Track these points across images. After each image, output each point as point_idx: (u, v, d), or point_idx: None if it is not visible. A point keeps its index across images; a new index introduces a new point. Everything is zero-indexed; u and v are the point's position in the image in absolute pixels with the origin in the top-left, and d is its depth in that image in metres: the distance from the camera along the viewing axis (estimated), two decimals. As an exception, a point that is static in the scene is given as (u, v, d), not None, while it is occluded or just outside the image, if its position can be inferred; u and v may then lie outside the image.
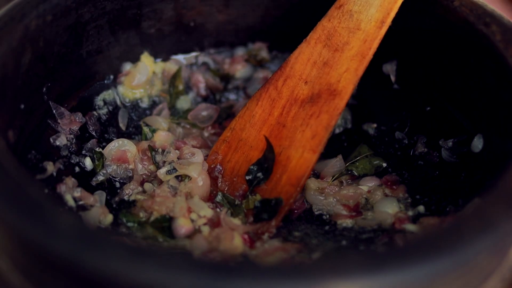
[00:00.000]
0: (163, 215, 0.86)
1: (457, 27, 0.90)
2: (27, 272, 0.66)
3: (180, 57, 1.10)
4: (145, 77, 1.03)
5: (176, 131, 1.02)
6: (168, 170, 0.91)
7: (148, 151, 0.95)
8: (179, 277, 0.54)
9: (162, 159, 0.94)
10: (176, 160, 0.93)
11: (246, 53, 1.11)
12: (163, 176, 0.91)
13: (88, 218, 0.85)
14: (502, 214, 0.62)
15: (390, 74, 1.03)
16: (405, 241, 0.80)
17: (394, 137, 1.02)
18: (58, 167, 0.90)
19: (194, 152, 0.94)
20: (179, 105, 1.07)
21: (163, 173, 0.91)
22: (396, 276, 0.56)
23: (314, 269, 0.56)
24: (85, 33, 0.96)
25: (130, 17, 1.01)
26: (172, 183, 0.90)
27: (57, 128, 0.92)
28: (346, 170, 0.97)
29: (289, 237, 0.87)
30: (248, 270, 0.55)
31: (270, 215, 0.89)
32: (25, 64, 0.84)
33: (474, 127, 0.90)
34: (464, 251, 0.59)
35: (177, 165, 0.91)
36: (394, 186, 0.95)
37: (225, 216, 0.87)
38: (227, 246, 0.80)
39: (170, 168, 0.92)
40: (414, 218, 0.88)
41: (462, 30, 0.90)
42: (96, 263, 0.56)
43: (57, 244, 0.57)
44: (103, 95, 1.02)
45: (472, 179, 0.87)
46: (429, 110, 0.99)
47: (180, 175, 0.91)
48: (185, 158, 0.93)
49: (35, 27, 0.85)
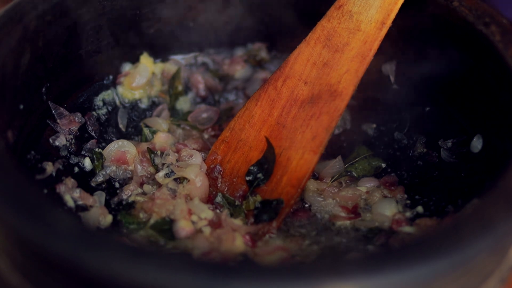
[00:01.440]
0: (163, 218, 0.86)
1: (456, 27, 0.90)
2: (27, 272, 0.66)
3: (179, 57, 1.10)
4: (145, 79, 1.03)
5: (176, 132, 1.02)
6: (166, 173, 0.92)
7: (147, 153, 0.95)
8: (180, 278, 0.54)
9: (161, 162, 0.94)
10: (175, 162, 0.93)
11: (246, 54, 1.11)
12: (161, 179, 0.91)
13: (88, 219, 0.85)
14: (502, 214, 0.62)
15: (390, 74, 1.03)
16: (405, 242, 0.80)
17: (393, 138, 1.02)
18: (57, 167, 0.90)
19: (192, 154, 0.94)
20: (179, 106, 1.07)
21: (161, 177, 0.91)
22: (396, 277, 0.56)
23: (313, 269, 0.56)
24: (84, 33, 0.96)
25: (129, 17, 1.01)
26: (171, 185, 0.90)
27: (56, 128, 0.92)
28: (345, 171, 0.97)
29: (289, 237, 0.87)
30: (249, 270, 0.55)
31: (270, 216, 0.89)
32: (24, 64, 0.84)
33: (473, 127, 0.90)
34: (464, 251, 0.59)
35: (174, 167, 0.91)
36: (392, 187, 0.95)
37: (226, 217, 0.86)
38: (229, 247, 0.80)
39: (168, 171, 0.92)
40: (413, 219, 0.88)
41: (461, 30, 0.90)
42: (96, 263, 0.56)
43: (56, 244, 0.57)
44: (102, 96, 1.02)
45: (472, 180, 0.87)
46: (428, 111, 0.99)
47: (179, 177, 0.91)
48: (183, 160, 0.93)
49: (35, 27, 0.85)
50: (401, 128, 1.02)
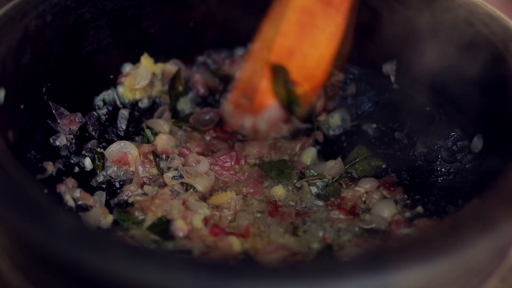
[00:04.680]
0: (160, 218, 0.86)
1: (456, 27, 0.90)
2: (27, 272, 0.66)
3: (179, 57, 1.09)
4: (147, 80, 1.03)
5: (177, 134, 1.02)
6: (174, 176, 0.92)
7: (149, 154, 0.95)
8: (180, 277, 0.54)
9: (167, 165, 0.94)
10: (181, 166, 0.94)
11: (246, 53, 1.11)
12: (169, 180, 0.92)
13: (88, 219, 0.85)
14: (502, 214, 0.62)
15: (390, 74, 1.03)
16: (404, 242, 0.80)
17: (393, 138, 1.02)
18: (57, 167, 0.90)
19: (199, 160, 0.94)
20: (180, 106, 1.07)
21: (169, 177, 0.92)
22: (395, 276, 0.56)
23: (314, 269, 0.56)
24: (85, 33, 0.96)
25: (130, 17, 1.01)
26: (176, 187, 0.91)
27: (56, 128, 0.92)
28: (345, 173, 0.97)
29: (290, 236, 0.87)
30: (249, 269, 0.55)
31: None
32: (24, 64, 0.84)
33: (473, 127, 0.90)
34: (464, 251, 0.59)
35: (184, 173, 0.92)
36: (392, 188, 0.95)
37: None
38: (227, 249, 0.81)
39: (176, 174, 0.92)
40: (412, 219, 0.88)
41: (461, 30, 0.90)
42: (96, 263, 0.56)
43: (57, 244, 0.57)
44: (102, 95, 1.02)
45: (472, 180, 0.87)
46: (428, 110, 0.99)
47: (186, 182, 0.92)
48: (190, 165, 0.94)
49: (35, 27, 0.85)
50: (402, 128, 1.02)
